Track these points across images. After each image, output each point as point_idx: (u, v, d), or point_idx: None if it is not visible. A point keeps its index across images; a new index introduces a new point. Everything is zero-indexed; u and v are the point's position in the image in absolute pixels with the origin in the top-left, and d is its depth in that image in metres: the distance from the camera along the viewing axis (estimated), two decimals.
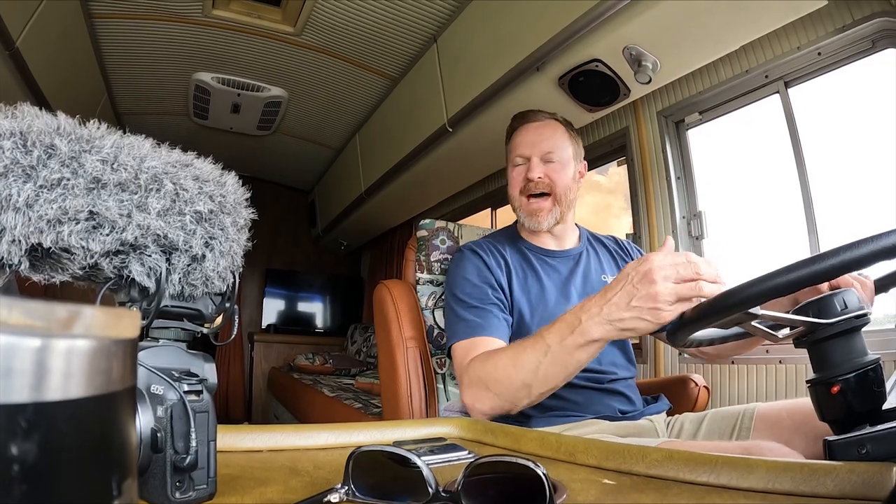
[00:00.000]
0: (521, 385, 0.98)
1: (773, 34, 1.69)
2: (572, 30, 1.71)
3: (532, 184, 1.27)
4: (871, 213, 1.61)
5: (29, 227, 0.35)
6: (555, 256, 1.34)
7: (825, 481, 0.45)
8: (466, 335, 1.16)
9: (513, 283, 1.27)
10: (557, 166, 1.29)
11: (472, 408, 1.07)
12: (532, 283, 1.28)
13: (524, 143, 1.31)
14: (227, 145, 3.95)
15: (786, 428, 1.01)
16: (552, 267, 1.32)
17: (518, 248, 1.34)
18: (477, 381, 1.06)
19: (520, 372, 0.98)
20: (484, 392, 1.04)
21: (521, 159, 1.30)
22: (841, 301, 0.62)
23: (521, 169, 1.30)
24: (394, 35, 2.62)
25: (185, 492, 0.41)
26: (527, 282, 1.28)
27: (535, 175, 1.27)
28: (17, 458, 0.16)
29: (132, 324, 0.21)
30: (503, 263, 1.29)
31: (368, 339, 4.42)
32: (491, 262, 1.27)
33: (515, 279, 1.27)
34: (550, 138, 1.30)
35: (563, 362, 0.93)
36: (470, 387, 1.07)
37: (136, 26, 2.65)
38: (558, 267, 1.32)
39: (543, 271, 1.30)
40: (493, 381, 1.02)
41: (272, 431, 0.73)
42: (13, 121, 0.36)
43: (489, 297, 1.22)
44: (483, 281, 1.24)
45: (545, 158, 1.29)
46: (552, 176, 1.28)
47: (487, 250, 1.30)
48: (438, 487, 0.45)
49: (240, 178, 0.47)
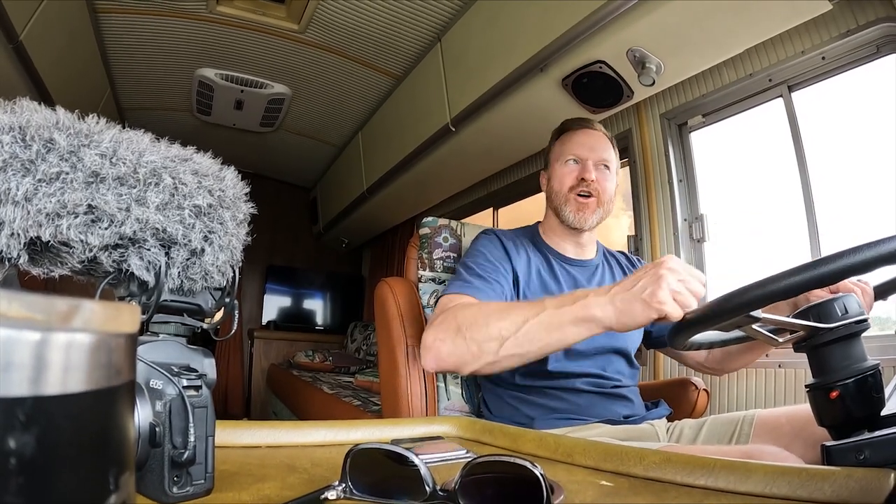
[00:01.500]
0: (495, 335, 0.94)
1: (777, 38, 1.68)
2: (576, 31, 1.71)
3: (585, 184, 1.28)
4: (873, 218, 1.61)
5: (28, 220, 0.35)
6: (573, 264, 1.34)
7: (823, 486, 0.45)
8: (458, 290, 1.14)
9: (532, 270, 1.27)
10: (608, 175, 1.31)
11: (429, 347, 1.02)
12: (549, 285, 1.28)
13: (582, 146, 1.32)
14: (230, 142, 3.95)
15: (785, 433, 1.01)
16: (570, 274, 1.32)
17: (540, 249, 1.34)
18: (450, 319, 1.02)
19: (501, 320, 0.94)
20: (452, 333, 0.99)
21: (576, 160, 1.31)
22: (841, 306, 0.62)
23: (574, 168, 1.31)
24: (398, 33, 2.62)
25: (182, 487, 0.41)
26: (543, 283, 1.28)
27: (591, 176, 1.28)
28: (14, 451, 0.16)
29: (132, 318, 0.21)
30: (525, 255, 1.30)
31: (368, 336, 4.42)
32: (511, 250, 1.28)
33: (536, 268, 1.28)
34: (606, 149, 1.33)
35: (550, 328, 0.90)
36: (439, 326, 1.03)
37: (140, 21, 2.66)
38: (576, 275, 1.33)
39: (562, 276, 1.30)
40: (467, 323, 0.98)
41: (271, 428, 0.73)
42: (12, 115, 0.36)
43: (499, 273, 1.21)
44: (498, 260, 1.24)
45: (599, 165, 1.30)
46: (602, 183, 1.29)
47: (511, 240, 1.31)
48: (436, 486, 0.45)
49: (242, 174, 0.47)
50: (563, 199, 1.30)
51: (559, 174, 1.33)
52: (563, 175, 1.32)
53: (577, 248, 1.36)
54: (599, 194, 1.29)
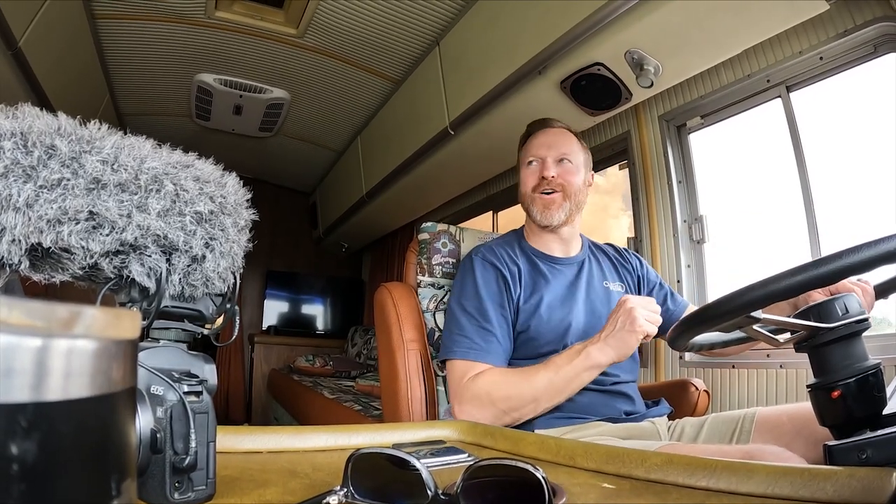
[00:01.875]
0: (531, 399, 1.12)
1: (774, 38, 1.69)
2: (575, 33, 1.71)
3: (545, 181, 1.31)
4: (873, 218, 1.61)
5: (29, 226, 0.35)
6: (561, 263, 1.35)
7: (825, 486, 0.45)
8: (467, 356, 1.21)
9: (523, 292, 1.28)
10: (571, 168, 1.33)
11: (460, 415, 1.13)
12: (540, 289, 1.28)
13: (540, 145, 1.35)
14: (229, 147, 3.95)
15: (786, 432, 1.01)
16: (559, 273, 1.33)
17: (527, 254, 1.35)
18: (482, 394, 1.15)
19: (531, 387, 1.12)
20: (486, 406, 1.14)
21: (536, 160, 1.34)
22: (842, 305, 0.62)
23: (535, 168, 1.34)
24: (396, 37, 2.63)
25: (184, 493, 0.41)
26: (535, 289, 1.28)
27: (549, 173, 1.30)
28: (16, 457, 0.16)
29: (132, 324, 0.21)
30: (517, 273, 1.30)
31: (369, 341, 4.42)
32: (506, 273, 1.28)
33: (526, 287, 1.29)
34: (566, 143, 1.35)
35: (569, 380, 1.10)
36: (470, 401, 1.16)
37: (138, 27, 2.66)
38: (565, 273, 1.34)
39: (552, 277, 1.31)
40: (501, 397, 1.13)
41: (272, 433, 0.73)
42: (14, 121, 0.36)
43: (497, 315, 1.23)
44: (492, 296, 1.25)
45: (560, 160, 1.32)
46: (565, 177, 1.32)
47: (501, 259, 1.31)
48: (437, 490, 0.45)
49: (241, 179, 0.47)
50: (529, 199, 1.34)
51: (523, 177, 1.36)
52: (526, 177, 1.35)
53: (562, 245, 1.37)
54: (564, 188, 1.31)
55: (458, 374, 1.20)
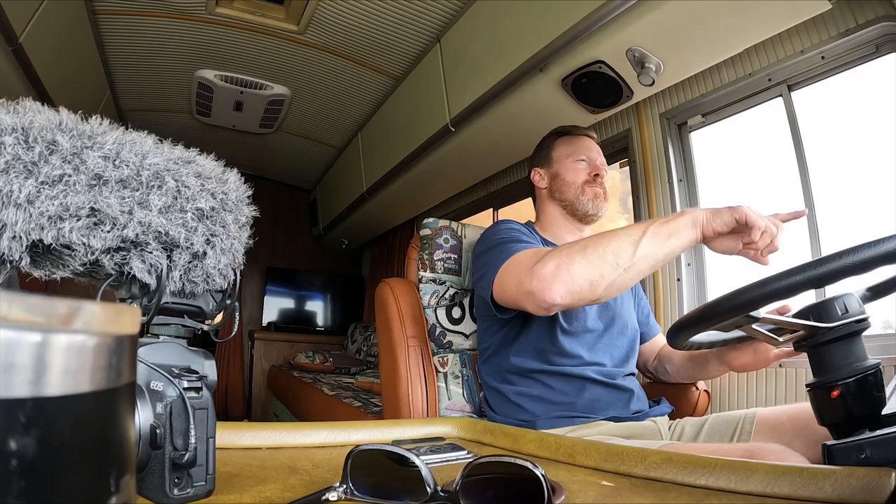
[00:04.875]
0: (626, 244, 1.00)
1: (776, 37, 1.68)
2: (576, 31, 1.71)
3: (599, 179, 1.41)
4: (874, 218, 1.61)
5: (30, 223, 0.35)
6: None
7: (824, 485, 0.45)
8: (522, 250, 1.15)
9: None
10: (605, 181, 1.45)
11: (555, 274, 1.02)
12: None
13: (590, 150, 1.46)
14: (230, 143, 3.95)
15: (786, 432, 1.01)
16: None
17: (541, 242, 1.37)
18: (563, 255, 1.03)
19: (619, 239, 1.01)
20: (577, 256, 1.02)
21: (588, 160, 1.43)
22: (842, 305, 0.62)
23: (587, 166, 1.42)
24: (397, 34, 2.62)
25: (183, 489, 0.41)
26: None
27: (604, 173, 1.43)
28: (15, 452, 0.16)
29: (132, 320, 0.21)
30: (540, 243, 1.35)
31: (369, 338, 4.42)
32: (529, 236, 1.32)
33: None
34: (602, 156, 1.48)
35: (657, 243, 0.99)
36: (555, 256, 1.04)
37: (139, 23, 2.66)
38: None
39: None
40: (591, 246, 1.02)
41: (271, 429, 0.73)
42: (15, 116, 0.36)
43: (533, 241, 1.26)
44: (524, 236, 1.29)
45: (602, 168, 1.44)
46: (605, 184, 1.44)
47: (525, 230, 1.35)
48: (437, 487, 0.45)
49: (242, 175, 0.47)
50: (578, 190, 1.40)
51: (573, 169, 1.42)
52: (579, 170, 1.42)
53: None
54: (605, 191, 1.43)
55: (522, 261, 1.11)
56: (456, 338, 1.47)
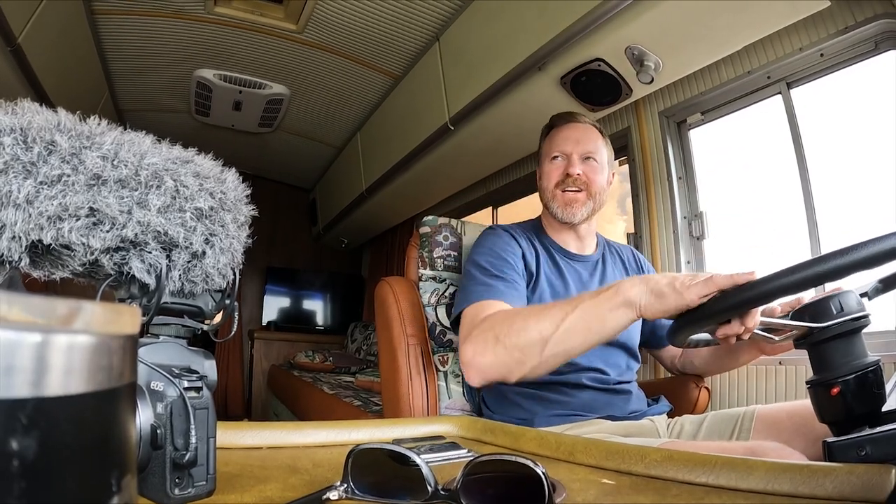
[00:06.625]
0: (537, 338, 0.93)
1: (775, 35, 1.68)
2: (575, 29, 1.71)
3: (570, 179, 1.29)
4: (873, 215, 1.61)
5: (29, 223, 0.35)
6: (576, 259, 1.36)
7: (824, 483, 0.45)
8: (483, 297, 1.13)
9: (541, 267, 1.28)
10: (595, 166, 1.31)
11: (470, 362, 1.01)
12: (553, 280, 1.29)
13: (566, 140, 1.32)
14: (229, 142, 3.94)
15: (786, 429, 1.01)
16: (574, 269, 1.34)
17: (544, 244, 1.35)
18: (488, 331, 1.01)
19: (540, 322, 0.93)
20: (491, 344, 0.98)
21: (561, 155, 1.32)
22: (837, 304, 0.62)
23: (560, 164, 1.32)
24: (396, 33, 2.62)
25: (184, 489, 0.41)
26: (548, 279, 1.29)
27: (575, 171, 1.29)
28: (17, 453, 0.16)
29: (132, 320, 0.21)
30: (533, 249, 1.31)
31: (369, 337, 4.42)
32: (522, 244, 1.29)
33: (544, 265, 1.29)
34: (591, 140, 1.33)
35: (590, 319, 0.90)
36: (476, 339, 1.02)
37: (137, 23, 2.65)
38: (579, 270, 1.34)
39: (567, 270, 1.32)
40: (506, 332, 0.97)
41: (272, 429, 0.73)
42: (13, 117, 0.36)
43: (512, 269, 1.22)
44: (509, 255, 1.25)
45: (585, 157, 1.31)
46: (590, 175, 1.30)
47: (518, 234, 1.32)
48: (437, 486, 0.45)
49: (240, 175, 0.47)
50: (550, 195, 1.32)
51: (546, 171, 1.34)
52: (550, 172, 1.33)
53: (578, 241, 1.37)
54: (588, 186, 1.30)
55: (471, 315, 1.10)
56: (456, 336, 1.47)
